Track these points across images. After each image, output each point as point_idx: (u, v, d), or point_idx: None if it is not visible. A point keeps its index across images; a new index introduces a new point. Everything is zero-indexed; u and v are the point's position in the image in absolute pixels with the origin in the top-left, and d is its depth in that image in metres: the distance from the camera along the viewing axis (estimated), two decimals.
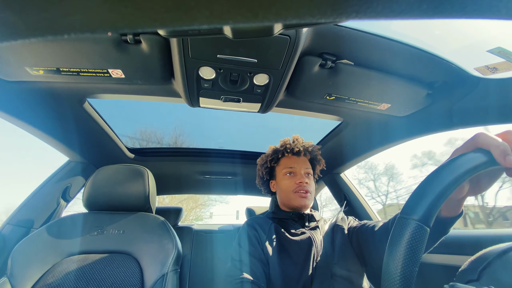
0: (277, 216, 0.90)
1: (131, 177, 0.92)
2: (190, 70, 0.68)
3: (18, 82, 0.76)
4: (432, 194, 0.30)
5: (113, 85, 0.80)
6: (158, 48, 0.64)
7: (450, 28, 0.71)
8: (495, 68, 0.64)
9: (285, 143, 0.94)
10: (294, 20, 0.14)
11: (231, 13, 0.14)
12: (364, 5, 0.14)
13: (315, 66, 0.70)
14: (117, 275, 0.75)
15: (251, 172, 1.41)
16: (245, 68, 0.68)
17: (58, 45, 0.61)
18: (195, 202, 14.45)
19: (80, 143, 1.11)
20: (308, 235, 0.81)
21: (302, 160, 0.91)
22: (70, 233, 0.84)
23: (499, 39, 0.60)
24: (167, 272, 0.77)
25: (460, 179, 0.30)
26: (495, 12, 0.15)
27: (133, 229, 0.87)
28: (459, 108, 0.78)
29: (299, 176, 0.87)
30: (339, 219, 0.88)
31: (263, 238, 0.81)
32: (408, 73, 0.75)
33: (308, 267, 0.74)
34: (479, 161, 0.31)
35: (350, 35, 0.64)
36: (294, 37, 0.59)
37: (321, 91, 0.80)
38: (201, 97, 0.81)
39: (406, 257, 0.28)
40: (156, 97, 0.88)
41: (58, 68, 0.68)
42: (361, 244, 0.75)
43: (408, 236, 0.29)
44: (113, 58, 0.65)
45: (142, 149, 1.44)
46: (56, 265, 0.76)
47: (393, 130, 1.02)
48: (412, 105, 0.86)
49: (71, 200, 1.20)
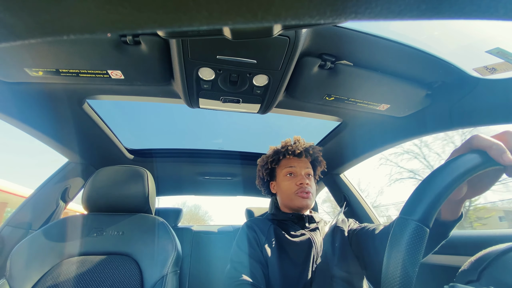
0: (277, 217, 0.89)
1: (131, 178, 0.92)
2: (190, 71, 0.68)
3: (18, 83, 0.76)
4: (432, 195, 0.30)
5: (112, 86, 0.80)
6: (158, 49, 0.64)
7: (449, 29, 0.71)
8: (494, 69, 0.65)
9: (286, 144, 0.94)
10: (293, 21, 0.14)
11: (230, 14, 0.14)
12: (363, 6, 0.14)
13: (315, 67, 0.70)
14: (116, 277, 0.75)
15: (251, 173, 1.40)
16: (245, 69, 0.68)
17: (58, 46, 0.61)
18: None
19: (79, 144, 1.11)
20: (308, 237, 0.81)
21: (303, 161, 0.91)
22: (69, 234, 0.84)
23: (497, 39, 0.60)
24: (166, 273, 0.77)
25: (459, 180, 0.30)
26: (493, 12, 0.15)
27: (133, 230, 0.87)
28: (458, 108, 0.78)
29: (300, 177, 0.87)
30: (339, 221, 0.87)
31: (262, 240, 0.81)
32: (407, 74, 0.75)
33: (307, 269, 0.74)
34: (478, 161, 0.31)
35: (349, 36, 0.64)
36: (294, 38, 0.59)
37: (321, 91, 0.80)
38: (201, 98, 0.81)
39: (406, 257, 0.28)
40: (156, 98, 0.88)
41: (57, 69, 0.68)
42: (361, 247, 0.75)
43: (407, 236, 0.29)
44: (112, 59, 0.65)
45: (141, 150, 1.44)
46: (55, 267, 0.76)
47: (392, 131, 1.02)
48: (411, 105, 0.86)
49: (70, 202, 1.20)
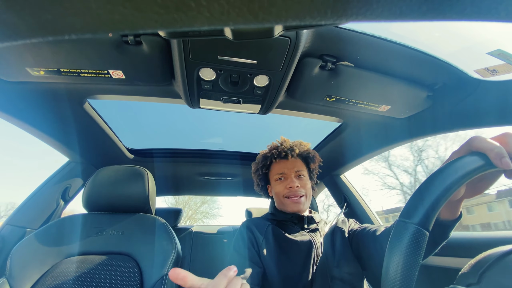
0: (277, 217, 0.89)
1: (131, 178, 0.92)
2: (191, 71, 0.68)
3: (19, 82, 0.76)
4: (431, 198, 0.30)
5: (113, 86, 0.80)
6: (159, 49, 0.64)
7: (449, 30, 0.71)
8: (495, 70, 0.64)
9: (272, 148, 0.92)
10: (294, 21, 0.14)
11: (231, 14, 0.14)
12: (364, 7, 0.14)
13: (316, 68, 0.70)
14: (116, 276, 0.75)
15: (250, 173, 1.40)
16: (246, 69, 0.68)
17: (59, 45, 0.61)
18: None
19: (80, 143, 1.11)
20: (308, 238, 0.80)
21: (291, 163, 0.88)
22: (70, 234, 0.84)
23: (499, 41, 0.60)
24: (166, 273, 0.77)
25: (458, 183, 0.30)
26: (494, 14, 0.15)
27: (133, 230, 0.87)
28: (459, 110, 0.78)
29: (289, 180, 0.85)
30: (340, 221, 0.87)
31: (260, 239, 0.81)
32: (408, 75, 0.75)
33: (308, 270, 0.74)
34: (476, 164, 0.31)
35: (350, 37, 0.64)
36: (295, 39, 0.59)
37: (321, 92, 0.80)
38: (201, 98, 0.81)
39: (405, 260, 0.28)
40: (156, 98, 0.88)
41: (58, 69, 0.68)
42: (361, 248, 0.75)
43: (407, 240, 0.29)
44: (113, 59, 0.66)
45: (142, 150, 1.44)
46: (55, 266, 0.76)
47: (393, 132, 1.02)
48: (412, 107, 0.86)
49: (70, 201, 1.20)
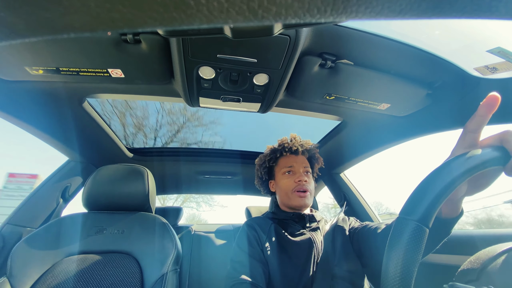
0: (277, 216, 0.89)
1: (131, 176, 0.92)
2: (190, 70, 0.68)
3: (18, 81, 0.76)
4: (431, 194, 0.30)
5: (112, 85, 0.80)
6: (158, 48, 0.64)
7: (449, 28, 0.70)
8: (495, 68, 0.64)
9: (283, 142, 0.94)
10: (293, 19, 0.14)
11: (231, 12, 0.14)
12: (364, 5, 0.14)
13: (315, 66, 0.70)
14: (116, 275, 0.75)
15: (250, 172, 1.41)
16: (245, 68, 0.68)
17: (58, 44, 0.61)
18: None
19: (79, 142, 1.11)
20: (309, 236, 0.81)
21: (300, 159, 0.91)
22: (70, 233, 0.84)
23: (498, 39, 0.60)
24: (166, 272, 0.77)
25: (459, 179, 0.30)
26: (494, 12, 0.15)
27: (133, 228, 0.87)
28: (458, 108, 0.78)
29: (298, 174, 0.87)
30: (340, 220, 0.87)
31: (263, 239, 0.81)
32: (408, 73, 0.75)
33: (308, 268, 0.74)
34: (478, 161, 0.31)
35: (350, 35, 0.64)
36: (294, 37, 0.59)
37: (321, 91, 0.80)
38: (201, 97, 0.81)
39: (405, 257, 0.28)
40: (156, 97, 0.88)
41: (57, 68, 0.68)
42: (362, 245, 0.75)
43: (407, 236, 0.29)
44: (112, 58, 0.65)
45: (141, 148, 1.44)
46: (55, 265, 0.76)
47: (392, 130, 1.02)
48: (411, 105, 0.86)
49: (70, 200, 1.20)
